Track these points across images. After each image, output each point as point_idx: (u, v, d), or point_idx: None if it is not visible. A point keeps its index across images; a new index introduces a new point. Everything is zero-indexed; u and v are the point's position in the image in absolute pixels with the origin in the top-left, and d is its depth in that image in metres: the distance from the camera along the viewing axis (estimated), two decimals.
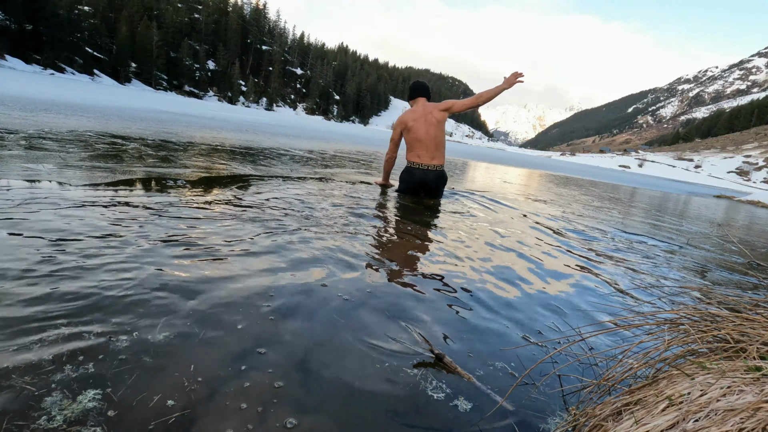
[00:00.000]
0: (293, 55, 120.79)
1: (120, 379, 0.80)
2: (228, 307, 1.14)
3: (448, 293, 1.51)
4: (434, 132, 3.37)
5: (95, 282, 1.16)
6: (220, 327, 1.04)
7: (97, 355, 0.86)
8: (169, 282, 1.22)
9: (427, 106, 3.46)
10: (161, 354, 0.90)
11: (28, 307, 0.99)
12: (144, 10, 72.05)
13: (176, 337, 0.97)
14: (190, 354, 0.91)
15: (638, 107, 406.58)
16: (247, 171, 3.67)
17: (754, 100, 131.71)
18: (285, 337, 1.04)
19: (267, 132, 10.73)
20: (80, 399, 0.73)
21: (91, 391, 0.75)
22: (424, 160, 3.41)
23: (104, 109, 9.27)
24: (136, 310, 1.05)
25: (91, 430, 0.67)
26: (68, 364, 0.81)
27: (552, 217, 3.78)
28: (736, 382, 0.68)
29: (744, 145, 79.45)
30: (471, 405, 0.90)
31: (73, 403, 0.72)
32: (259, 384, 0.85)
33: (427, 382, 0.96)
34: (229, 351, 0.95)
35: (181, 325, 1.02)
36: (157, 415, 0.73)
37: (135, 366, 0.85)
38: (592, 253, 2.55)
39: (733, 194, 19.96)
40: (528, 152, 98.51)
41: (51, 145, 3.37)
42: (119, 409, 0.73)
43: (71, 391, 0.75)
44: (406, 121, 3.43)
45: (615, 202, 6.74)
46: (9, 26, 48.31)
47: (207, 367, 0.88)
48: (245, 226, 1.90)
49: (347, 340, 1.08)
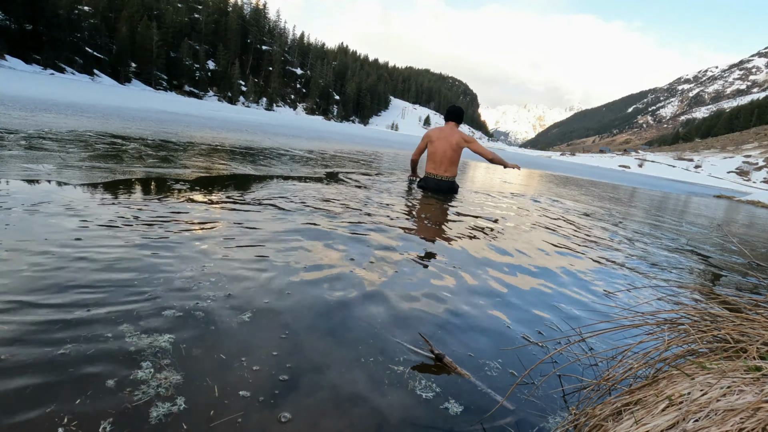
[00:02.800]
0: (293, 55, 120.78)
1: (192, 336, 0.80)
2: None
3: (449, 293, 1.51)
4: (450, 153, 4.01)
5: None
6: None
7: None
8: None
9: (454, 130, 4.07)
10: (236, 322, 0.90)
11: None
12: (144, 10, 72.02)
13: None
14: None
15: (638, 107, 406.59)
16: (250, 171, 3.67)
17: (754, 100, 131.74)
18: (282, 335, 1.05)
19: (267, 132, 10.73)
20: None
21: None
22: (438, 172, 4.05)
23: (104, 109, 9.27)
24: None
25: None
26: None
27: (552, 217, 3.78)
28: (736, 382, 0.69)
29: (744, 145, 79.46)
30: (471, 405, 0.90)
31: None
32: (264, 376, 0.86)
33: (427, 382, 0.96)
34: (241, 341, 0.95)
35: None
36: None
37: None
38: (592, 253, 2.55)
39: (732, 194, 19.96)
40: (528, 152, 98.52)
41: (51, 145, 3.37)
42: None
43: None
44: (431, 136, 4.10)
45: (615, 202, 6.74)
46: (9, 26, 48.28)
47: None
48: (288, 216, 1.91)
49: (344, 340, 1.08)
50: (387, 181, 4.47)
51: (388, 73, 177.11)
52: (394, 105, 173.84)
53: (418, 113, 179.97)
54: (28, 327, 0.92)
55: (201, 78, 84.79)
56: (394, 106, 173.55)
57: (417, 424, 0.83)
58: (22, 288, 1.08)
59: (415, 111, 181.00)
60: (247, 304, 1.17)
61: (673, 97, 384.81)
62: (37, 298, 1.05)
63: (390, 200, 3.25)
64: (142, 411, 0.74)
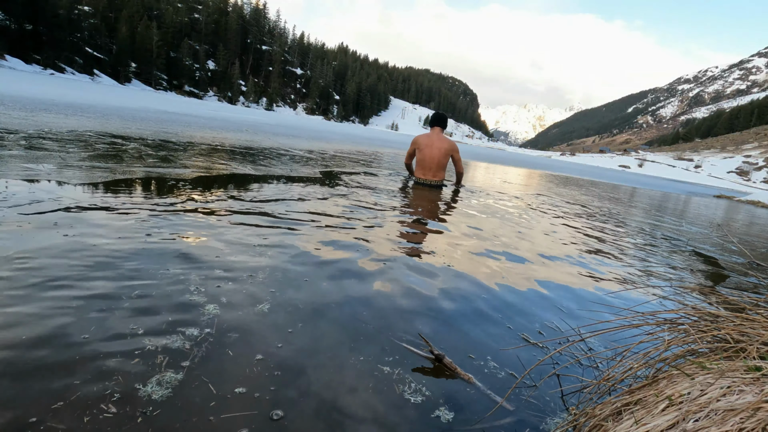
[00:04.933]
0: (293, 55, 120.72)
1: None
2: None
3: (448, 293, 1.51)
4: (438, 158, 4.27)
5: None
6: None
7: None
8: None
9: (441, 137, 4.30)
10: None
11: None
12: (144, 10, 72.00)
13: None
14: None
15: (638, 107, 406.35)
16: (249, 171, 3.67)
17: (754, 100, 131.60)
18: (279, 332, 1.04)
19: (267, 132, 10.73)
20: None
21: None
22: (427, 176, 4.34)
23: (104, 109, 9.26)
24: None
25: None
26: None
27: (552, 217, 3.78)
28: (736, 382, 0.68)
29: (744, 145, 79.42)
30: (471, 405, 0.90)
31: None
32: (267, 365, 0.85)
33: (426, 382, 0.96)
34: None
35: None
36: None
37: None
38: (592, 252, 2.55)
39: (732, 194, 19.95)
40: (528, 152, 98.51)
41: (51, 145, 3.37)
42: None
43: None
44: (419, 143, 4.34)
45: (615, 202, 6.74)
46: (9, 26, 48.24)
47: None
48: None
49: (343, 339, 1.08)
50: (387, 180, 4.47)
51: (388, 73, 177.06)
52: (394, 105, 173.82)
53: (418, 113, 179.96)
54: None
55: (201, 78, 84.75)
56: (394, 106, 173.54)
57: (417, 423, 0.83)
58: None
59: (415, 111, 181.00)
60: (245, 303, 1.17)
61: (673, 97, 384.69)
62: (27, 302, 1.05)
63: (390, 200, 3.25)
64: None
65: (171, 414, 0.75)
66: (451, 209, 3.33)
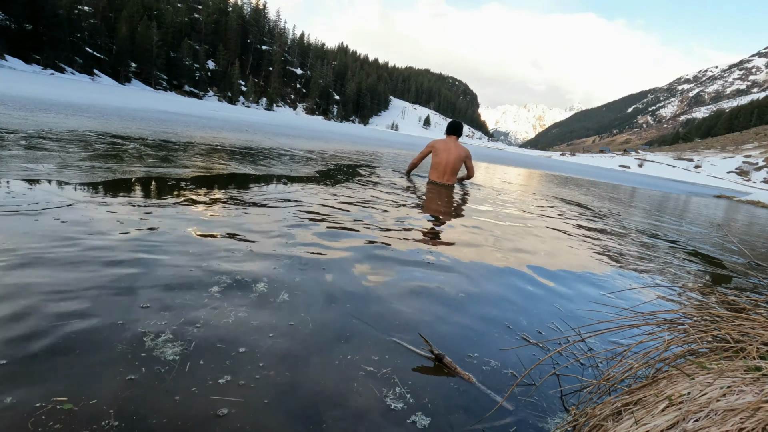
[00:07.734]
0: (293, 55, 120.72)
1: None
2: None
3: (448, 293, 1.51)
4: (452, 163, 4.56)
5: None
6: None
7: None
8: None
9: (458, 144, 4.59)
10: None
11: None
12: (144, 10, 71.93)
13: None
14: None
15: (638, 107, 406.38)
16: (249, 171, 3.67)
17: (754, 100, 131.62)
18: (278, 331, 1.05)
19: (267, 132, 10.73)
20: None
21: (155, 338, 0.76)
22: (441, 180, 4.59)
23: (104, 109, 9.26)
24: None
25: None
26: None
27: (551, 217, 3.78)
28: (736, 382, 0.68)
29: (744, 145, 79.43)
30: (471, 405, 0.90)
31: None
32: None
33: (426, 382, 0.96)
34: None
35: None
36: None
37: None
38: (592, 252, 2.55)
39: (732, 194, 19.95)
40: (528, 152, 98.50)
41: (51, 145, 3.37)
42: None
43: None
44: (436, 146, 4.59)
45: (615, 202, 6.74)
46: (9, 26, 48.24)
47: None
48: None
49: (342, 339, 1.08)
50: (387, 180, 4.47)
51: (388, 73, 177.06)
52: (394, 105, 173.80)
53: (418, 113, 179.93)
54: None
55: (201, 78, 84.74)
56: (394, 106, 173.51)
57: (416, 423, 0.83)
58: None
59: (415, 111, 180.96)
60: (243, 302, 1.17)
61: (673, 97, 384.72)
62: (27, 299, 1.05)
63: (389, 200, 3.25)
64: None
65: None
66: (452, 209, 3.33)
